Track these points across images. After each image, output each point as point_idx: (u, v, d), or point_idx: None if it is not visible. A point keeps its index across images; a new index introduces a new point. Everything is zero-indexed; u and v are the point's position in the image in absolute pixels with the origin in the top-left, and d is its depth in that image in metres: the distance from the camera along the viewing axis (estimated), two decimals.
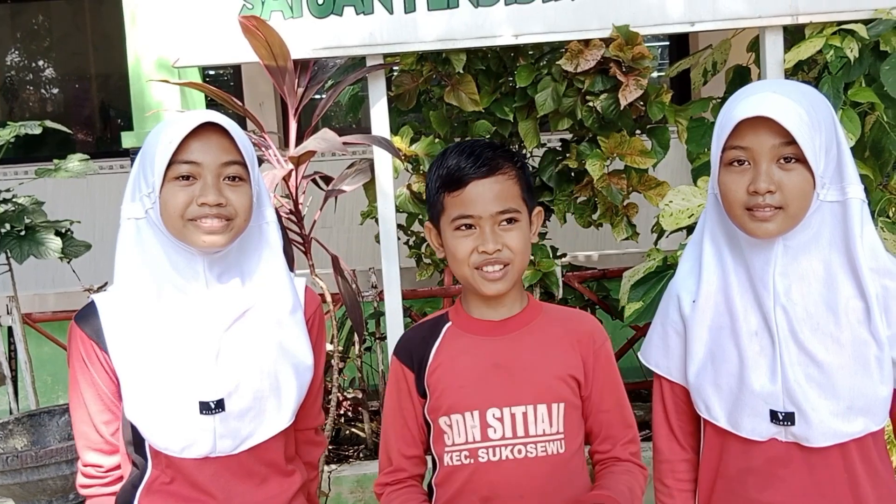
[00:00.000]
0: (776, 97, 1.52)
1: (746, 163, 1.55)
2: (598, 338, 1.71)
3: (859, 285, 1.55)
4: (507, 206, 1.61)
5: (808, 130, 1.50)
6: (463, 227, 1.61)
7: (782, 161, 1.52)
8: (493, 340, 1.66)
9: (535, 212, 1.70)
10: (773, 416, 1.59)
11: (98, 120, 6.97)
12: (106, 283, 1.71)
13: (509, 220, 1.62)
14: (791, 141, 1.50)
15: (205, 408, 1.59)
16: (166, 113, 3.39)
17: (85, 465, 1.69)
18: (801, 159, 1.51)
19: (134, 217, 1.62)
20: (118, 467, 1.69)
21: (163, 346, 1.60)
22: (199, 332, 1.61)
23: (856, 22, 2.86)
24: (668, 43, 6.68)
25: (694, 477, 1.77)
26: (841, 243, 1.56)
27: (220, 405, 1.60)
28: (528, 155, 3.64)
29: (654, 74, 3.15)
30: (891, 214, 3.06)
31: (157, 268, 1.61)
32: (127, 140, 3.69)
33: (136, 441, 1.65)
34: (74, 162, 3.22)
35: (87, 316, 1.65)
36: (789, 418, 1.58)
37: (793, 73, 3.15)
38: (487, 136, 3.17)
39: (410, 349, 1.71)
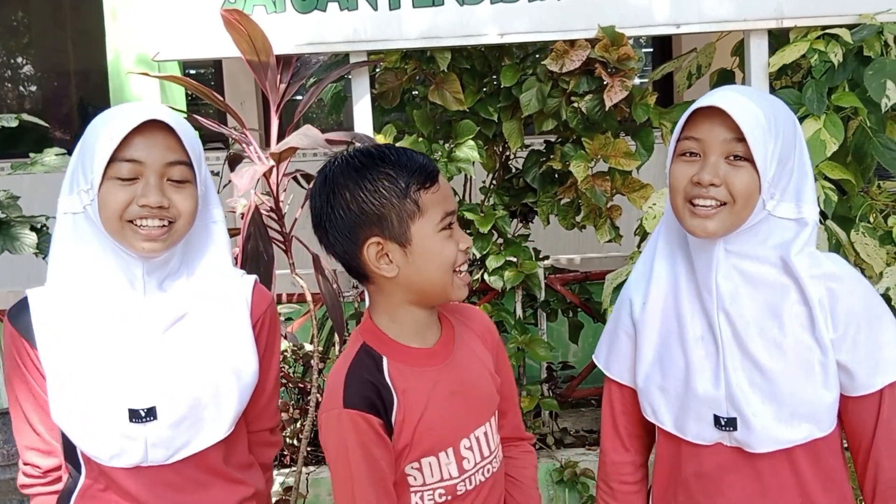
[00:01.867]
0: (737, 95, 1.53)
1: (697, 155, 1.55)
2: (494, 328, 1.69)
3: (802, 292, 1.55)
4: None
5: (763, 133, 1.50)
6: (449, 227, 1.49)
7: (732, 158, 1.52)
8: (440, 369, 1.54)
9: None
10: (717, 421, 1.59)
11: (76, 117, 6.90)
12: None
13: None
14: (742, 138, 1.50)
15: (134, 416, 1.50)
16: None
17: (24, 464, 1.61)
18: (752, 160, 1.51)
19: (71, 211, 1.53)
20: (58, 468, 1.61)
21: (93, 348, 1.51)
22: (134, 335, 1.52)
23: (840, 27, 2.87)
24: (651, 49, 6.70)
25: (639, 479, 1.78)
26: (783, 257, 1.57)
27: (151, 413, 1.50)
28: (512, 156, 3.62)
29: (638, 81, 3.15)
30: (871, 220, 3.07)
31: (93, 267, 1.52)
32: None
33: (68, 446, 1.58)
34: (51, 156, 3.16)
35: (18, 312, 1.56)
36: (731, 423, 1.58)
37: (777, 77, 3.16)
38: (471, 136, 3.15)
39: (371, 397, 1.46)
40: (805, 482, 1.59)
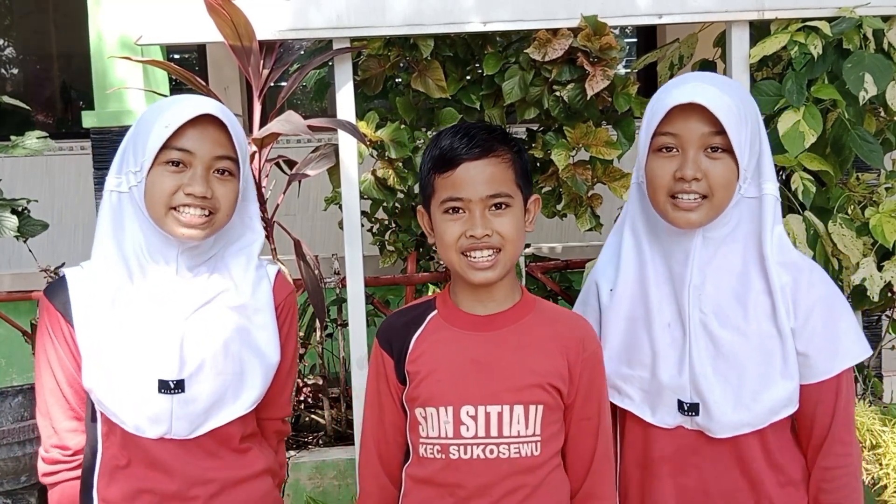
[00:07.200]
0: (708, 87, 1.56)
1: (675, 150, 1.58)
2: (589, 345, 1.64)
3: (768, 281, 1.59)
4: (498, 190, 1.56)
5: (737, 122, 1.54)
6: (451, 211, 1.57)
7: (709, 150, 1.56)
8: (476, 336, 1.61)
9: (532, 199, 1.65)
10: (680, 406, 1.63)
11: (59, 101, 6.86)
12: (63, 264, 1.69)
13: (500, 205, 1.56)
14: (720, 131, 1.53)
15: (163, 387, 1.57)
16: (129, 91, 3.33)
17: (53, 447, 1.65)
18: (728, 150, 1.55)
19: (117, 190, 1.61)
20: (81, 450, 1.66)
21: (129, 322, 1.59)
22: (167, 312, 1.59)
23: (820, 19, 2.89)
24: (636, 39, 6.72)
25: None
26: (754, 238, 1.60)
27: (179, 386, 1.58)
28: None
29: (621, 71, 3.15)
30: (849, 211, 3.10)
31: (132, 246, 1.60)
32: (87, 119, 3.63)
33: (93, 419, 1.64)
34: (32, 139, 3.15)
35: (56, 289, 1.64)
36: (694, 409, 1.62)
37: (758, 68, 3.18)
38: (454, 124, 3.14)
39: (390, 336, 1.67)
40: (757, 466, 1.63)
